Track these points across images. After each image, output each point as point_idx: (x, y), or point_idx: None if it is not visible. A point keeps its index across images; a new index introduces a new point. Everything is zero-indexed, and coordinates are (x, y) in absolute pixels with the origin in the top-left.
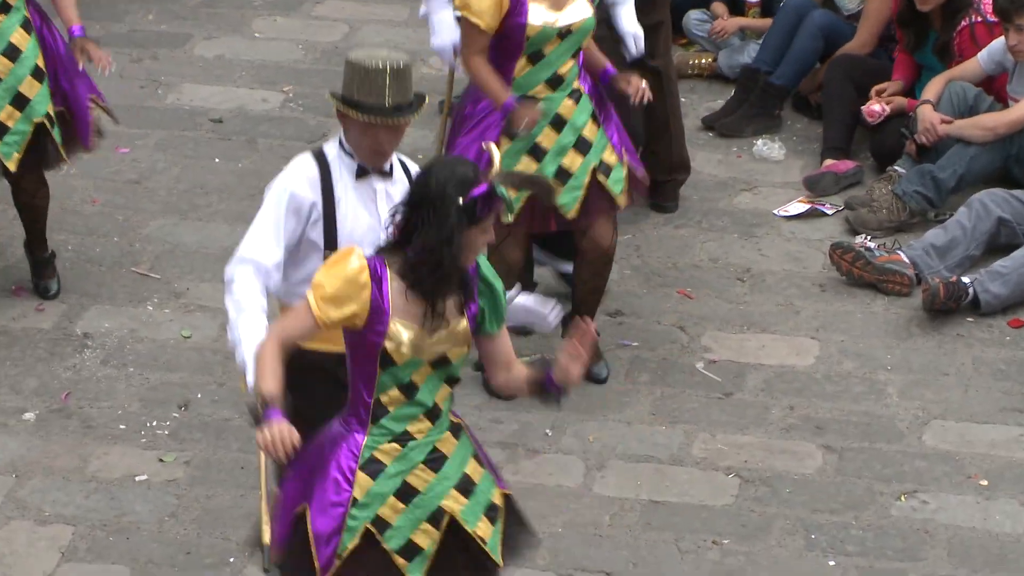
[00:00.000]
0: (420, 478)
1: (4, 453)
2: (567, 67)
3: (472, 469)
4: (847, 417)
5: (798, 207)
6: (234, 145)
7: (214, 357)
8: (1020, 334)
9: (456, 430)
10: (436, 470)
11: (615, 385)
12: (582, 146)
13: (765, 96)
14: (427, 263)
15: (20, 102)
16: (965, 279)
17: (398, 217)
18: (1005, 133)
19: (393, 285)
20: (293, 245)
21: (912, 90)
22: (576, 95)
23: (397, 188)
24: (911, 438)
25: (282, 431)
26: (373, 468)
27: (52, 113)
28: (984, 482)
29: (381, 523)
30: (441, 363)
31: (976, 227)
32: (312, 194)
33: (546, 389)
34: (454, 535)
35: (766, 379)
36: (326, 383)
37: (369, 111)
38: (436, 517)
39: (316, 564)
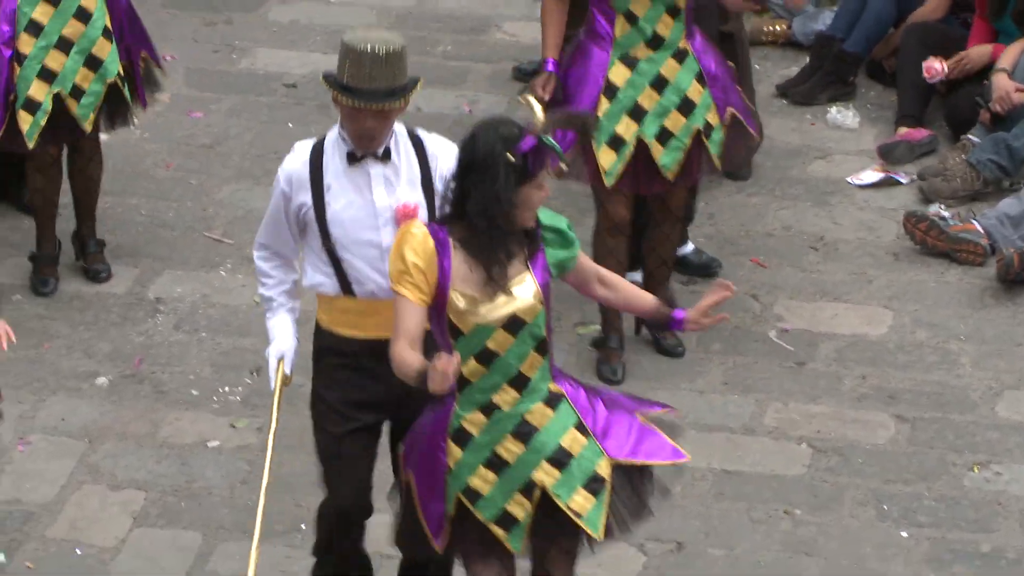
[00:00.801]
0: (509, 449)
1: (77, 418)
2: (667, 27)
3: (570, 440)
4: (920, 387)
5: (872, 175)
6: (307, 110)
7: None
8: None
9: (554, 400)
10: (526, 442)
11: (687, 354)
12: (685, 107)
13: (839, 63)
14: (484, 226)
15: (94, 63)
16: None
17: (451, 187)
18: None
19: (455, 254)
20: (303, 224)
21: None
22: (681, 55)
23: (403, 170)
24: (984, 408)
25: (442, 361)
26: (462, 437)
27: (122, 71)
28: None
29: (472, 493)
30: (516, 326)
31: None
32: (298, 183)
33: (668, 324)
34: (547, 507)
35: (838, 348)
36: (347, 368)
37: (354, 95)
38: (528, 489)
39: (427, 531)
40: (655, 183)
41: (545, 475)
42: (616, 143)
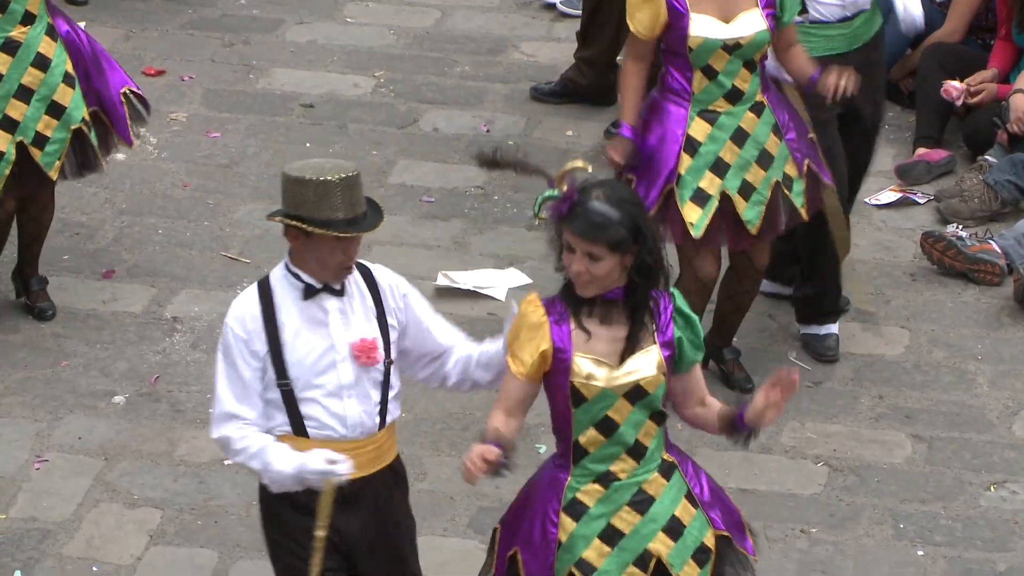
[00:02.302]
0: (625, 520)
1: (94, 436)
2: (745, 80)
3: (683, 510)
4: (936, 407)
5: (890, 196)
6: (325, 130)
7: None
8: None
9: (668, 470)
10: (643, 512)
11: (705, 373)
12: (764, 160)
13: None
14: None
15: (56, 111)
16: None
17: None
18: None
19: (574, 323)
20: (264, 381)
21: (1007, 79)
22: (758, 108)
23: (356, 303)
24: (1001, 428)
25: (481, 450)
26: (576, 510)
27: (88, 117)
28: None
29: (586, 566)
30: (637, 395)
31: None
32: (253, 324)
33: (736, 428)
34: None
35: (856, 368)
36: (304, 516)
37: (349, 226)
38: (643, 560)
39: None
40: (742, 238)
41: (661, 545)
42: (701, 198)
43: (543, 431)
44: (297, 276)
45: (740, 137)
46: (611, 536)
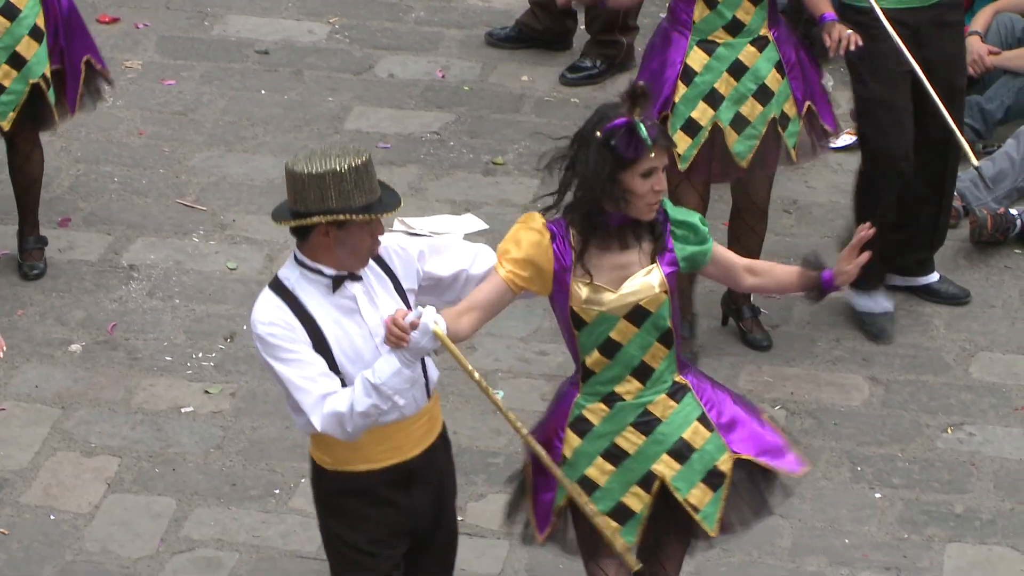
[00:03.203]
0: (630, 440)
1: (50, 385)
2: (748, 13)
3: (693, 433)
4: (893, 349)
5: (845, 139)
6: (280, 77)
7: (259, 288)
8: None
9: (678, 392)
10: (647, 433)
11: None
12: (762, 95)
13: (812, 28)
14: (585, 209)
15: (17, 61)
16: (1013, 211)
17: (564, 173)
18: None
19: (575, 244)
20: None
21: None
22: (761, 42)
23: (373, 282)
24: (958, 370)
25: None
26: (581, 427)
27: (49, 74)
28: None
29: (588, 483)
30: (640, 316)
31: None
32: (295, 325)
33: (821, 287)
34: (665, 500)
35: (813, 311)
36: (368, 506)
37: (380, 207)
38: (647, 481)
39: (533, 520)
40: (729, 171)
41: (665, 467)
42: (691, 128)
43: (500, 376)
44: (319, 272)
45: (738, 69)
46: (615, 455)
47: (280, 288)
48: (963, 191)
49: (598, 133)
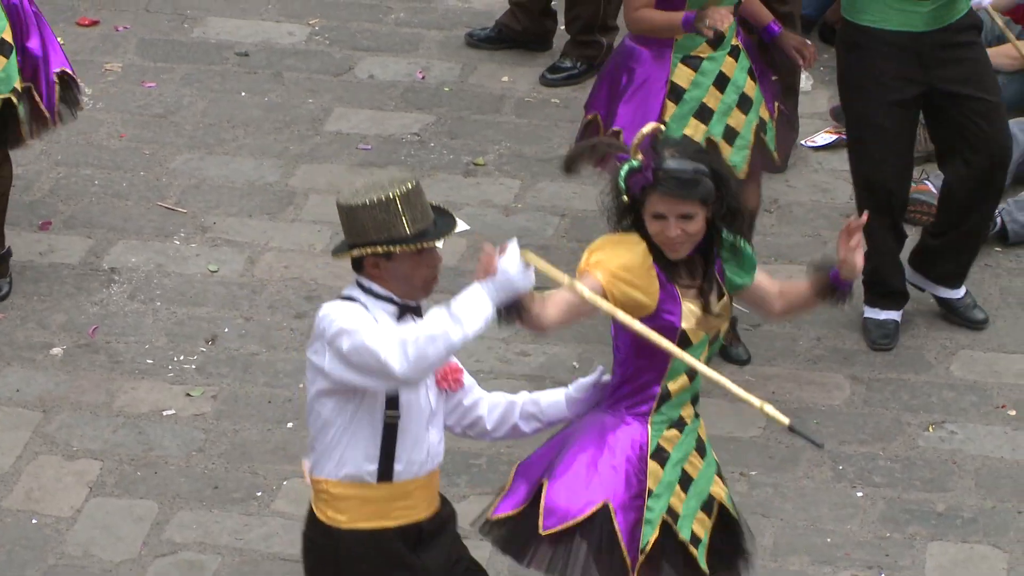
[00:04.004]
0: (693, 465)
1: (32, 388)
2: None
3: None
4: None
5: (825, 138)
6: (260, 79)
7: (240, 291)
8: None
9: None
10: (703, 455)
11: None
12: (744, 104)
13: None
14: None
15: None
16: None
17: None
18: None
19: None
20: (371, 404)
21: None
22: (735, 51)
23: None
24: (939, 369)
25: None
26: (661, 457)
27: (20, 88)
28: (1012, 412)
29: (673, 513)
30: (714, 338)
31: None
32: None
33: (835, 289)
34: (721, 524)
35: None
36: (385, 566)
37: (437, 234)
38: (708, 505)
39: (626, 560)
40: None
41: (719, 488)
42: None
43: (482, 377)
44: (390, 299)
45: (721, 82)
46: (685, 482)
47: (349, 299)
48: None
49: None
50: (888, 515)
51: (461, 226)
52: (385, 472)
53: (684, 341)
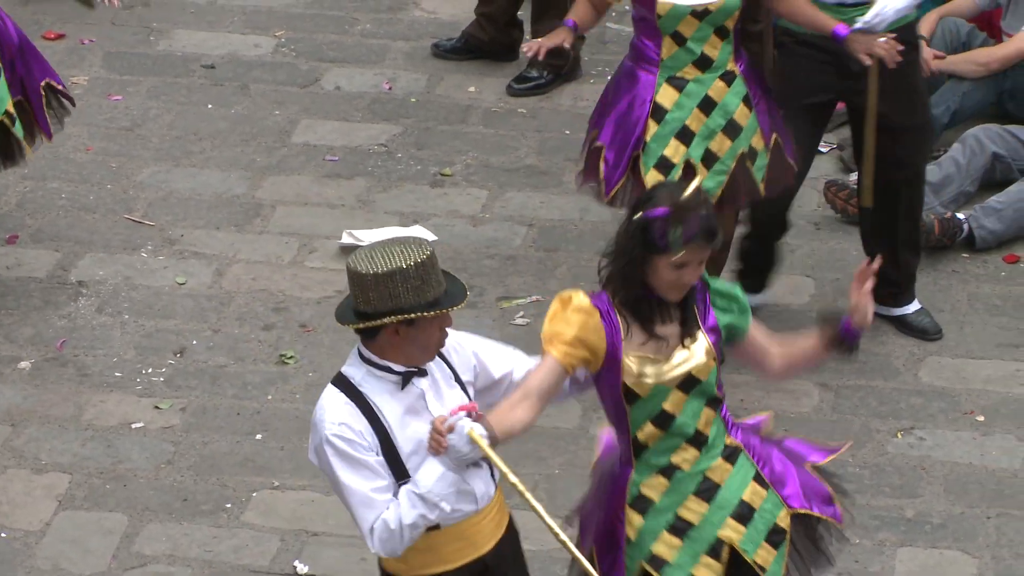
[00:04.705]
0: (693, 510)
1: (0, 402)
2: (715, 48)
3: (751, 493)
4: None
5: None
6: (227, 91)
7: (209, 303)
8: (1015, 270)
9: (732, 454)
10: (709, 500)
11: None
12: (731, 130)
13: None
14: (621, 286)
15: None
16: (960, 215)
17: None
18: (998, 69)
19: (621, 320)
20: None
21: None
22: (729, 76)
23: (437, 374)
24: (907, 375)
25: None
26: (642, 505)
27: (11, 108)
28: (981, 418)
29: (657, 561)
30: (690, 384)
31: (971, 163)
32: (363, 428)
33: (844, 340)
34: (736, 566)
35: (761, 317)
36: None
37: (448, 301)
38: (715, 549)
39: None
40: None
41: (732, 532)
42: (664, 167)
43: None
44: (388, 369)
45: (707, 105)
46: (680, 528)
47: (346, 385)
48: None
49: (639, 214)
50: (858, 521)
51: (427, 236)
52: (431, 525)
53: (630, 394)
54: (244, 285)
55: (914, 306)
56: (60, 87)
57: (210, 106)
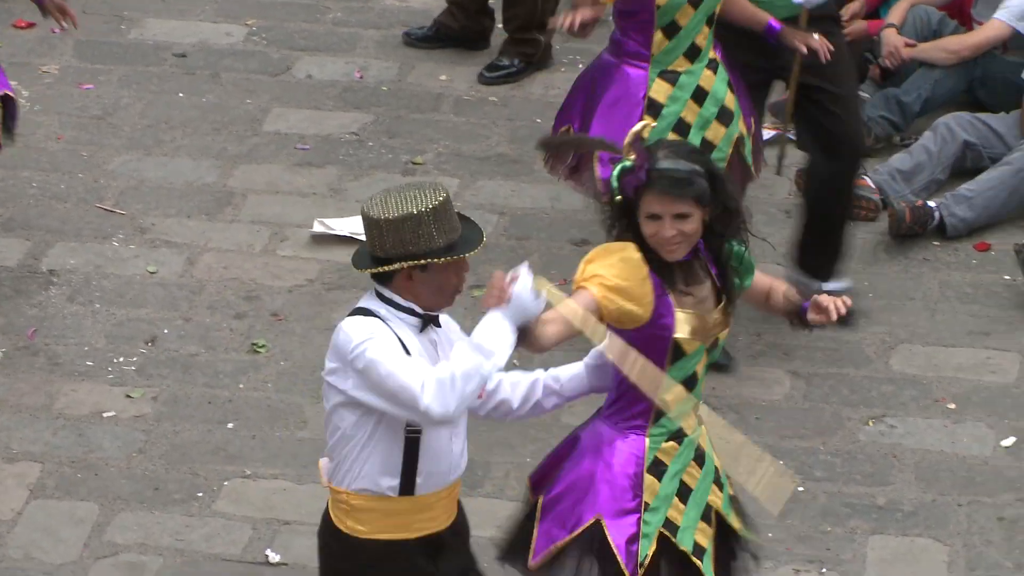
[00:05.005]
0: (692, 475)
1: None
2: (704, 37)
3: (718, 460)
4: (814, 343)
5: (764, 133)
6: (198, 79)
7: (180, 292)
8: (986, 257)
9: (700, 420)
10: (701, 465)
11: None
12: (724, 117)
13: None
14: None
15: None
16: (931, 203)
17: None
18: (969, 56)
19: (666, 285)
20: (388, 422)
21: (877, 13)
22: (713, 64)
23: (445, 328)
24: (878, 363)
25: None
26: (658, 470)
27: None
28: (952, 405)
29: (671, 525)
30: (713, 346)
31: (942, 151)
32: (391, 334)
33: (798, 320)
34: (719, 531)
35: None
36: (462, 546)
37: (465, 246)
38: (707, 514)
39: (624, 573)
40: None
41: (715, 497)
42: None
43: None
44: (412, 311)
45: (700, 95)
46: (684, 493)
47: (370, 315)
48: (882, 184)
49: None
50: (829, 509)
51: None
52: (407, 486)
53: (678, 351)
54: (215, 274)
55: (835, 285)
56: (12, 96)
57: (181, 95)
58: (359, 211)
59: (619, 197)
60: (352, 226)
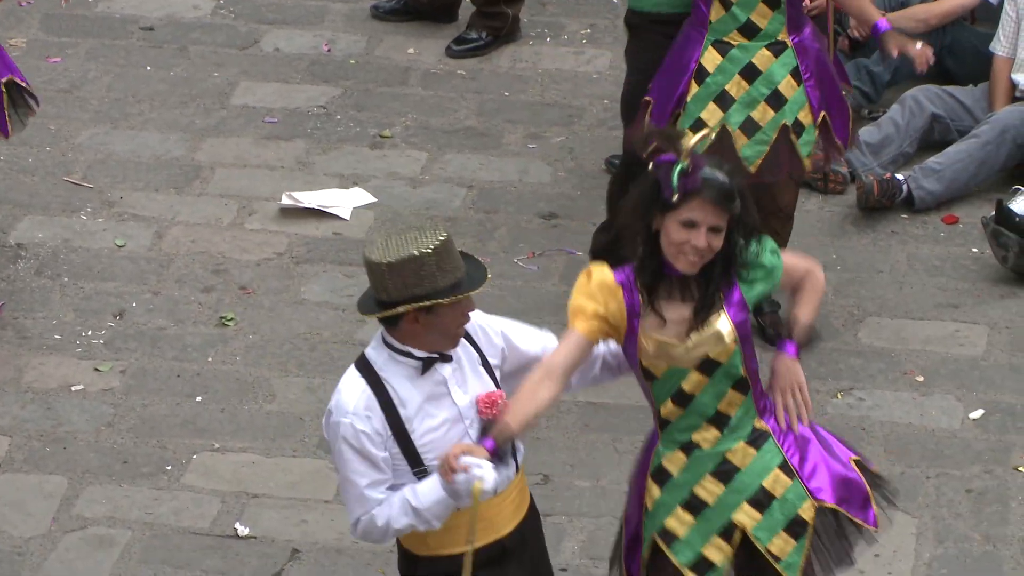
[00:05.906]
0: (708, 490)
1: None
2: (764, 17)
3: (773, 481)
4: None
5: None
6: (165, 53)
7: (148, 266)
8: (954, 230)
9: (758, 439)
10: (726, 482)
11: (550, 287)
12: (775, 101)
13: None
14: (642, 256)
15: None
16: (899, 176)
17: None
18: (937, 24)
19: (643, 301)
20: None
21: None
22: (778, 47)
23: (463, 360)
24: (847, 336)
25: (461, 449)
26: (661, 477)
27: None
28: (920, 378)
29: (667, 535)
30: (710, 367)
31: (910, 124)
32: (376, 420)
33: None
34: (748, 551)
35: None
36: (526, 560)
37: (470, 284)
38: (728, 531)
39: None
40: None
41: (746, 517)
42: (699, 128)
43: None
44: (410, 355)
45: (751, 73)
46: (694, 506)
47: (367, 370)
48: (849, 157)
49: (650, 165)
50: None
51: (367, 198)
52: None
53: (647, 374)
54: (183, 247)
55: None
56: (25, 84)
57: (149, 68)
58: (327, 184)
59: (676, 196)
60: (321, 199)
